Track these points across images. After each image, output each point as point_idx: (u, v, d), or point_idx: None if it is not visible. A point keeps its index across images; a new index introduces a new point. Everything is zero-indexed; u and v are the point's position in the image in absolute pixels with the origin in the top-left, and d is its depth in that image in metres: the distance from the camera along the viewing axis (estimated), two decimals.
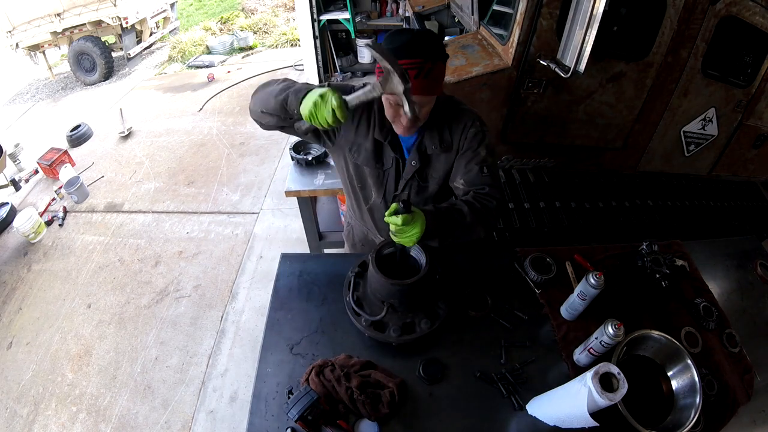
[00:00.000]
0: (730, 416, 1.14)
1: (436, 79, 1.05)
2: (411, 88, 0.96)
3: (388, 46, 1.02)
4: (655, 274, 1.39)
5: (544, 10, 1.64)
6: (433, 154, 1.22)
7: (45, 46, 6.11)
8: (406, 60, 0.99)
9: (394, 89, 0.95)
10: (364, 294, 1.26)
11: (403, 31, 1.04)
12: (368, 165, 1.27)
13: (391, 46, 1.01)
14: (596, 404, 0.86)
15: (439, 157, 1.23)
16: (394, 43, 1.02)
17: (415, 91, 1.02)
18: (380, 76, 0.97)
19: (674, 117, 2.07)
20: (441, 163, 1.24)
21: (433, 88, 1.06)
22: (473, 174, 1.19)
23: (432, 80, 1.04)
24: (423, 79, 1.02)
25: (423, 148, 1.22)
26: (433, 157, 1.24)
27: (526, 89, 1.84)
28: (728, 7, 1.79)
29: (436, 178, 1.27)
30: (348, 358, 1.16)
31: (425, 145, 1.21)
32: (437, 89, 1.08)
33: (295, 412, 0.92)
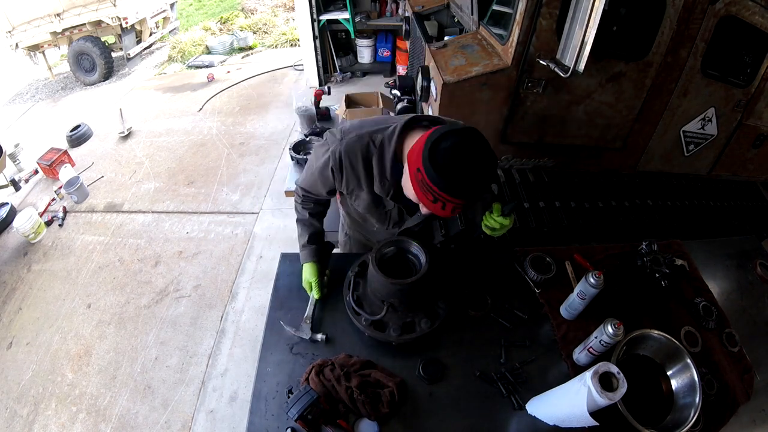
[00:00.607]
0: (730, 415, 1.15)
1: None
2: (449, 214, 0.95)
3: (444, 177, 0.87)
4: (654, 274, 1.40)
5: (543, 9, 1.64)
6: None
7: (45, 46, 6.10)
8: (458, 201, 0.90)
9: None
10: (364, 293, 1.26)
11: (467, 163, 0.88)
12: (368, 209, 1.25)
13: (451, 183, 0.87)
14: (596, 404, 0.86)
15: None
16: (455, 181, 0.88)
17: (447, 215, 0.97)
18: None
19: (674, 117, 2.07)
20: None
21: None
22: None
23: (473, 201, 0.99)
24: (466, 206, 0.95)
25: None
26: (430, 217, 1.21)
27: (526, 89, 1.84)
28: (728, 7, 1.79)
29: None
30: (348, 358, 1.16)
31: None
32: None
33: (295, 411, 0.92)
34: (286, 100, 4.79)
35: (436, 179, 0.88)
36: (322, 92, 2.52)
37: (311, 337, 1.24)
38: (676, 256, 1.47)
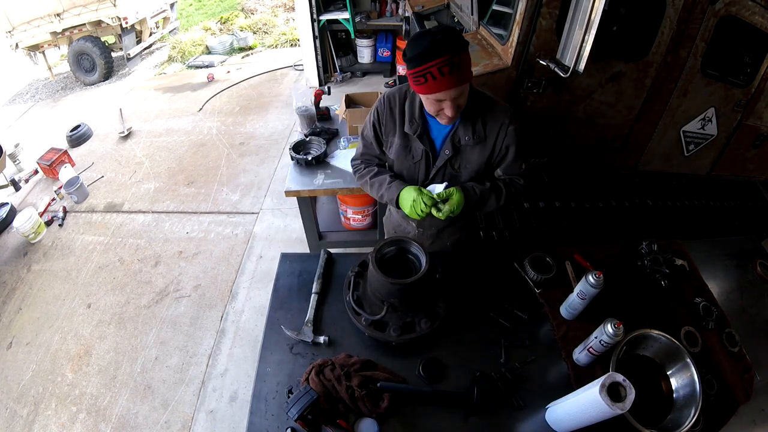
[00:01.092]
0: (730, 415, 1.15)
1: (466, 68, 1.12)
2: (447, 83, 1.08)
3: (414, 51, 1.07)
4: (654, 274, 1.40)
5: (543, 9, 1.64)
6: (467, 145, 1.28)
7: (45, 46, 6.11)
8: (437, 60, 1.05)
9: None
10: (364, 293, 1.26)
11: (423, 34, 1.09)
12: (398, 158, 1.37)
13: (418, 51, 1.06)
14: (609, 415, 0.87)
15: (474, 149, 1.29)
16: (418, 47, 1.07)
17: (452, 84, 1.10)
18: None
19: (674, 117, 2.07)
20: (474, 155, 1.30)
21: (466, 76, 1.12)
22: (514, 168, 1.33)
23: (463, 70, 1.10)
24: (456, 71, 1.08)
25: (457, 139, 1.28)
26: (466, 149, 1.29)
27: (526, 89, 1.84)
28: (727, 7, 1.79)
29: (469, 169, 1.33)
30: (348, 358, 1.16)
31: (459, 137, 1.27)
32: (469, 76, 1.14)
33: (295, 411, 0.92)
34: (286, 100, 4.79)
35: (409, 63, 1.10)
36: (322, 92, 2.52)
37: (313, 339, 1.24)
38: (676, 256, 1.47)
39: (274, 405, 1.11)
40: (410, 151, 1.34)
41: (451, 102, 1.14)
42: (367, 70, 5.12)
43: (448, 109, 1.16)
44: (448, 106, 1.15)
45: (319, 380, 1.08)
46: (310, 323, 1.27)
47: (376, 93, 2.60)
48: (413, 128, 1.28)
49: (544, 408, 1.08)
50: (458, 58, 1.07)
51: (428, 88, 1.12)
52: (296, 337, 1.24)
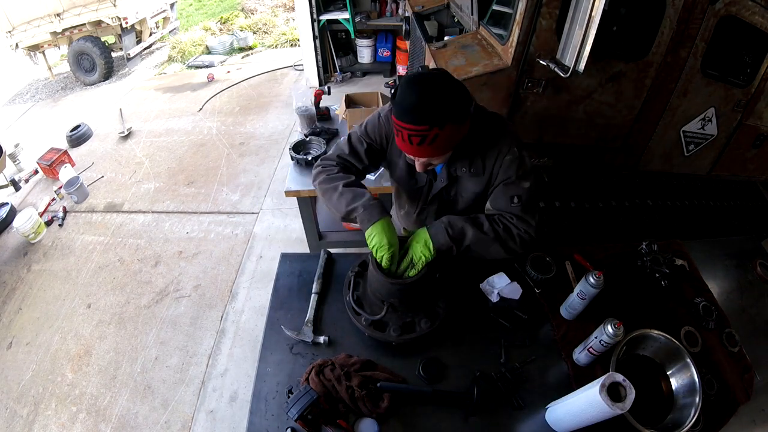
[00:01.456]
0: (730, 415, 1.15)
1: (446, 142, 0.99)
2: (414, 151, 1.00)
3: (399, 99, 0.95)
4: (654, 274, 1.40)
5: (543, 9, 1.64)
6: (462, 176, 1.20)
7: (45, 46, 6.10)
8: (410, 126, 0.94)
9: None
10: (364, 293, 1.26)
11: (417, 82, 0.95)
12: (401, 181, 1.32)
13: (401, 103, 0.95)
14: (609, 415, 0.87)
15: (469, 180, 1.20)
16: (405, 99, 0.94)
17: (419, 154, 1.03)
18: None
19: (674, 117, 2.07)
20: (471, 185, 1.21)
21: (442, 150, 1.02)
22: (502, 202, 1.14)
23: (439, 145, 0.98)
24: (427, 145, 0.97)
25: (453, 169, 1.20)
26: (462, 179, 1.21)
27: (526, 89, 1.84)
28: (727, 7, 1.79)
29: (465, 198, 1.26)
30: (348, 358, 1.16)
31: (454, 167, 1.19)
32: (450, 148, 1.05)
33: (295, 411, 0.92)
34: (286, 100, 4.79)
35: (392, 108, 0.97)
36: (322, 92, 2.52)
37: (313, 339, 1.24)
38: (676, 256, 1.47)
39: (274, 405, 1.11)
40: (414, 176, 1.28)
41: (419, 163, 1.09)
42: (367, 70, 5.12)
43: (417, 165, 1.10)
44: (417, 163, 1.09)
45: (319, 380, 1.08)
46: (310, 323, 1.27)
47: (376, 93, 2.59)
48: None
49: (544, 408, 1.08)
50: (437, 131, 0.94)
51: (399, 143, 1.03)
52: (296, 337, 1.24)
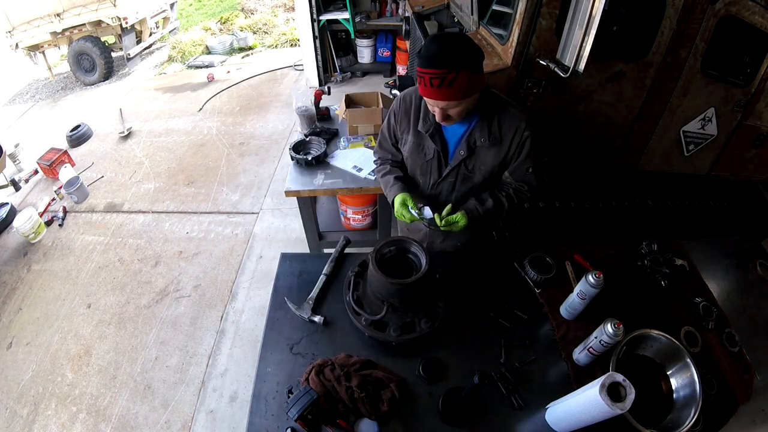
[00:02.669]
0: (730, 415, 1.15)
1: (462, 87, 1.10)
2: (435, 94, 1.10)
3: (423, 51, 1.08)
4: (654, 274, 1.40)
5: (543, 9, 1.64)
6: (482, 146, 1.28)
7: (45, 46, 6.10)
8: (431, 69, 1.06)
9: None
10: (364, 293, 1.26)
11: (438, 38, 1.09)
12: (411, 155, 1.40)
13: (425, 53, 1.08)
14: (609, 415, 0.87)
15: (489, 151, 1.29)
16: (427, 50, 1.07)
17: (440, 97, 1.11)
18: None
19: (674, 117, 2.07)
20: (489, 157, 1.30)
21: (459, 95, 1.11)
22: (519, 172, 1.34)
23: (456, 89, 1.09)
24: (446, 87, 1.08)
25: (472, 140, 1.28)
26: (481, 150, 1.30)
27: (526, 89, 1.84)
28: (727, 7, 1.79)
29: (483, 171, 1.33)
30: (348, 358, 1.16)
31: (474, 137, 1.28)
32: (466, 95, 1.12)
33: (295, 411, 0.92)
34: (286, 100, 4.79)
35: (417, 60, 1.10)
36: (322, 92, 2.51)
37: (310, 317, 1.27)
38: (676, 256, 1.47)
39: (274, 405, 1.11)
40: (423, 149, 1.36)
41: (438, 110, 1.17)
42: (367, 70, 5.12)
43: (437, 115, 1.19)
44: (436, 112, 1.18)
45: (319, 380, 1.08)
46: (312, 300, 1.31)
47: (376, 93, 2.59)
48: (426, 127, 1.30)
49: (544, 408, 1.08)
50: (454, 75, 1.06)
51: (422, 91, 1.15)
52: (296, 312, 1.28)
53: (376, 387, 1.09)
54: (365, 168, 2.15)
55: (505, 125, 1.26)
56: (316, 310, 1.31)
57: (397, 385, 1.09)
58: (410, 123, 1.35)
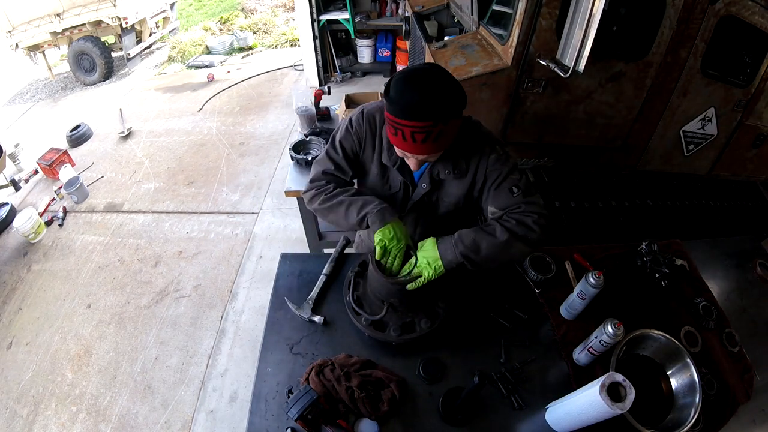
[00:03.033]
0: (730, 415, 1.15)
1: (447, 137, 1.00)
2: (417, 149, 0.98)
3: (397, 98, 0.93)
4: (654, 274, 1.40)
5: (543, 9, 1.64)
6: (446, 179, 1.19)
7: (45, 46, 6.10)
8: (412, 122, 0.93)
9: None
10: (364, 293, 1.26)
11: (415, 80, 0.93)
12: (374, 187, 1.27)
13: (401, 101, 0.92)
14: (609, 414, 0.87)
15: (452, 183, 1.20)
16: (403, 97, 0.92)
17: (422, 152, 1.01)
18: None
19: (674, 117, 2.07)
20: (453, 188, 1.21)
21: (444, 145, 1.03)
22: (502, 198, 1.13)
23: (441, 140, 0.99)
24: (432, 142, 0.97)
25: (435, 172, 1.18)
26: (445, 182, 1.21)
27: (526, 89, 1.84)
28: (727, 7, 1.79)
29: (447, 203, 1.24)
30: (348, 358, 1.16)
31: (437, 170, 1.18)
32: (448, 144, 1.04)
33: (295, 411, 0.92)
34: (286, 100, 4.79)
35: (388, 106, 0.95)
36: (322, 92, 2.51)
37: (310, 317, 1.27)
38: (676, 256, 1.47)
39: (274, 405, 1.11)
40: (388, 181, 1.24)
41: (415, 161, 1.07)
42: (367, 70, 5.12)
43: (412, 164, 1.10)
44: (412, 162, 1.08)
45: (319, 380, 1.08)
46: (312, 300, 1.31)
47: (376, 93, 2.59)
48: (392, 160, 1.18)
49: (544, 408, 1.08)
50: (441, 127, 0.94)
51: (396, 142, 1.01)
52: (296, 312, 1.28)
53: (376, 387, 1.09)
54: None
55: (473, 155, 1.15)
56: (316, 310, 1.31)
57: (397, 385, 1.09)
58: (374, 151, 1.20)
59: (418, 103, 0.91)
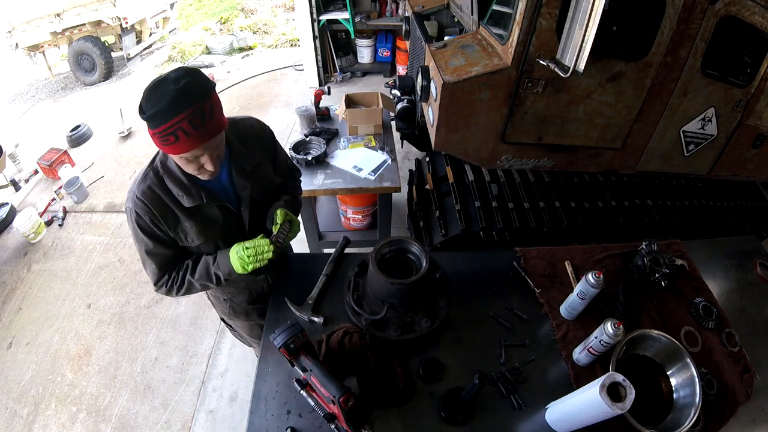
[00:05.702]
0: (730, 415, 1.15)
1: (219, 113, 0.98)
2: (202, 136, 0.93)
3: (155, 107, 0.88)
4: (654, 274, 1.40)
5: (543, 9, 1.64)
6: (255, 167, 1.21)
7: (45, 46, 6.10)
8: (185, 112, 0.89)
9: None
10: (364, 293, 1.26)
11: (160, 83, 0.90)
12: (203, 236, 1.16)
13: (160, 105, 0.88)
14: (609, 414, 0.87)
15: (261, 165, 1.25)
16: (160, 101, 0.88)
17: (208, 136, 0.95)
18: None
19: (673, 117, 2.06)
20: (265, 167, 1.28)
21: (221, 122, 0.99)
22: (285, 168, 1.40)
23: (217, 116, 0.97)
24: (210, 121, 0.94)
25: (240, 170, 1.17)
26: (257, 169, 1.22)
27: (526, 89, 1.84)
28: (727, 7, 1.79)
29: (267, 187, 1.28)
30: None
31: (242, 167, 1.18)
32: (223, 119, 1.00)
33: (281, 339, 0.97)
34: (286, 100, 4.79)
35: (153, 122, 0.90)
36: (322, 92, 2.52)
37: (310, 317, 1.28)
38: (676, 256, 1.47)
39: (274, 405, 1.11)
40: (210, 218, 1.15)
41: (209, 156, 0.99)
42: (367, 70, 5.12)
43: (209, 164, 1.01)
44: (207, 160, 1.00)
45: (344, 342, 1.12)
46: (312, 300, 1.32)
47: (376, 93, 2.59)
48: (194, 198, 1.09)
49: (544, 408, 1.08)
50: (209, 103, 0.93)
51: (182, 147, 0.93)
52: (296, 312, 1.29)
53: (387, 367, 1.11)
54: (365, 168, 2.16)
55: (248, 137, 1.22)
56: (316, 310, 1.31)
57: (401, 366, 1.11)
58: (175, 212, 1.10)
59: (177, 92, 0.88)
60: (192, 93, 0.89)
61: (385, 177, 2.13)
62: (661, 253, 1.44)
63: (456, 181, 2.25)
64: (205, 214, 1.15)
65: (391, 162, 2.22)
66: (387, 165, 2.19)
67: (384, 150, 2.28)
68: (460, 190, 2.22)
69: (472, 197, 2.15)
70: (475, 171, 2.24)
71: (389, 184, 2.10)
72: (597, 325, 1.08)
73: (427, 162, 2.64)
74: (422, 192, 2.55)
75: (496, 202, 2.11)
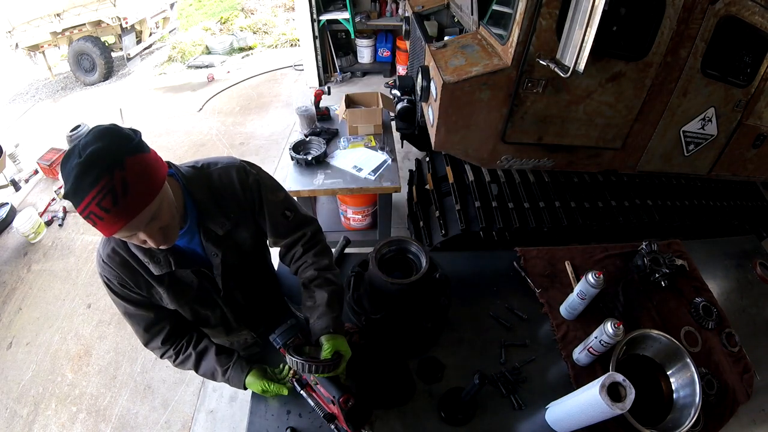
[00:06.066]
0: (730, 415, 1.15)
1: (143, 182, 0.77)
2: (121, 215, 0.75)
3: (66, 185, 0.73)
4: (654, 274, 1.40)
5: (543, 9, 1.64)
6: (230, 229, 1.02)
7: (45, 46, 6.10)
8: (87, 199, 0.72)
9: None
10: (364, 293, 1.26)
11: (69, 155, 0.75)
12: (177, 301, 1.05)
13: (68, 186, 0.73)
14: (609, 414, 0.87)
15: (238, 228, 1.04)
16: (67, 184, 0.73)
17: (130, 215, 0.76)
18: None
19: (673, 117, 2.06)
20: (243, 230, 1.05)
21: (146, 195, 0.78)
22: (281, 227, 1.10)
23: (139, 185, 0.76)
24: (122, 198, 0.73)
25: (211, 234, 1.00)
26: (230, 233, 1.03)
27: (526, 89, 1.84)
28: (728, 7, 1.79)
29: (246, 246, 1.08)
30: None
31: (211, 230, 0.99)
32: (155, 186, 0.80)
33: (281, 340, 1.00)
34: (286, 100, 4.79)
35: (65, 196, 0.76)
36: (322, 92, 2.52)
37: None
38: (676, 256, 1.47)
39: (274, 405, 1.11)
40: (183, 282, 1.03)
41: (146, 233, 0.81)
42: (367, 70, 5.12)
43: (150, 240, 0.83)
44: (146, 236, 0.82)
45: None
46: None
47: (376, 93, 2.60)
48: (162, 266, 0.96)
49: (544, 408, 1.08)
50: (120, 175, 0.73)
51: (104, 230, 0.77)
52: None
53: None
54: (365, 168, 2.16)
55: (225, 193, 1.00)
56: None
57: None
58: (145, 278, 0.99)
59: (79, 169, 0.71)
60: (97, 167, 0.71)
61: (385, 177, 2.13)
62: (661, 253, 1.44)
63: (456, 181, 2.25)
64: (178, 278, 1.02)
65: (391, 162, 2.22)
66: (387, 165, 2.20)
67: (384, 150, 2.28)
68: (460, 190, 2.22)
69: (472, 197, 2.15)
70: (475, 171, 2.24)
71: (389, 184, 2.10)
72: (597, 325, 1.08)
73: (427, 162, 2.65)
74: (422, 192, 2.55)
75: (496, 202, 2.11)
